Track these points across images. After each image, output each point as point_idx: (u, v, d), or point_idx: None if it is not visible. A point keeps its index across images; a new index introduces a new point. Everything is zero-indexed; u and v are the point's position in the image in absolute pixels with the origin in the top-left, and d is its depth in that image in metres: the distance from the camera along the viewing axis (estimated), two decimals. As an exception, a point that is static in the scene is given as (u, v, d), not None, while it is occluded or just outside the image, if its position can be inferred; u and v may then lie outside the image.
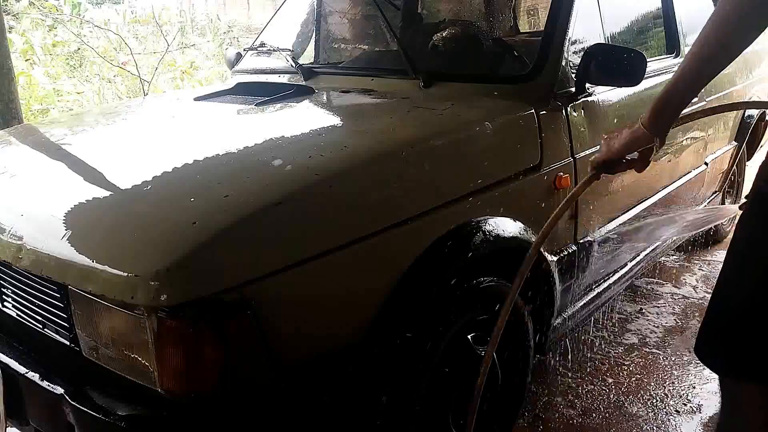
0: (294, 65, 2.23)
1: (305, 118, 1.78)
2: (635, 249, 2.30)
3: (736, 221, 1.14)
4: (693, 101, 2.44)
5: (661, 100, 1.14)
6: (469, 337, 1.55)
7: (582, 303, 2.02)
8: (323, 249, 1.19)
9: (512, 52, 2.12)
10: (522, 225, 1.60)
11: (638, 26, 2.39)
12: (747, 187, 3.79)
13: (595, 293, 2.08)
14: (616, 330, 2.51)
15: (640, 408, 2.03)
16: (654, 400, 2.06)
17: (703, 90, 2.61)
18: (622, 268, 2.25)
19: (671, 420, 1.97)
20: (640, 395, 2.09)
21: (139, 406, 1.14)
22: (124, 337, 1.13)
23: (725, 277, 1.12)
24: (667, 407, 2.03)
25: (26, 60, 5.97)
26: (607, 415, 1.99)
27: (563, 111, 1.76)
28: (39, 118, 4.86)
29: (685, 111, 1.19)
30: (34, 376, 1.25)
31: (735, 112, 2.98)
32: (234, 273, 1.09)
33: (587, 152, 1.82)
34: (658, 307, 2.72)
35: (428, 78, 1.89)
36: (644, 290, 2.86)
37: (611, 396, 2.09)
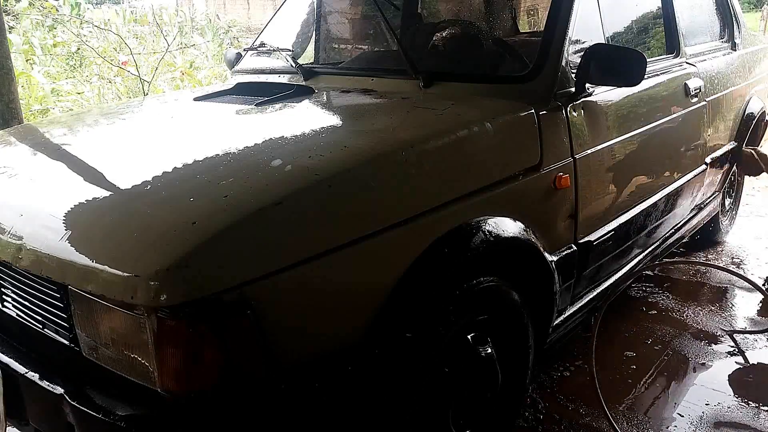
0: (294, 65, 2.23)
1: (305, 118, 1.78)
2: (636, 248, 2.30)
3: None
4: (692, 100, 2.45)
5: None
6: (468, 337, 1.55)
7: (582, 302, 2.02)
8: (323, 249, 1.19)
9: (512, 52, 2.11)
10: (522, 225, 1.60)
11: (638, 26, 2.39)
12: (747, 186, 3.79)
13: (595, 293, 2.09)
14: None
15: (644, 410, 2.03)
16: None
17: (702, 90, 2.63)
18: (623, 266, 2.25)
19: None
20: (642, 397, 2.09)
21: (139, 406, 1.14)
22: (123, 337, 1.13)
23: None
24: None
25: (26, 60, 5.96)
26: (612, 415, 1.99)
27: (563, 111, 1.76)
28: (39, 118, 4.86)
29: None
30: (34, 376, 1.26)
31: (735, 111, 2.98)
32: (234, 273, 1.09)
33: (587, 152, 1.81)
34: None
35: (428, 78, 1.89)
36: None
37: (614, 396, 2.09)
